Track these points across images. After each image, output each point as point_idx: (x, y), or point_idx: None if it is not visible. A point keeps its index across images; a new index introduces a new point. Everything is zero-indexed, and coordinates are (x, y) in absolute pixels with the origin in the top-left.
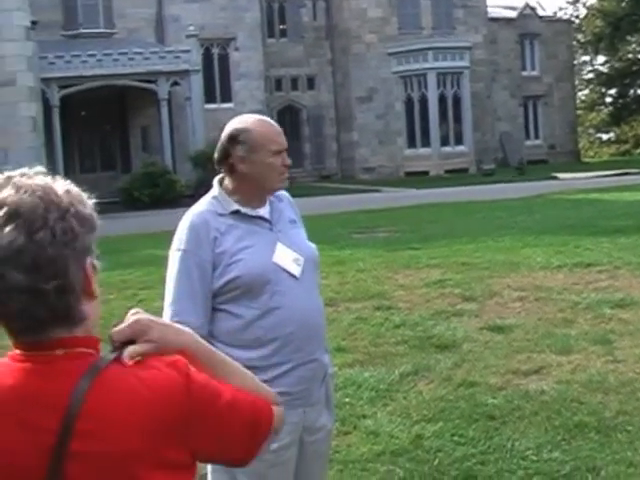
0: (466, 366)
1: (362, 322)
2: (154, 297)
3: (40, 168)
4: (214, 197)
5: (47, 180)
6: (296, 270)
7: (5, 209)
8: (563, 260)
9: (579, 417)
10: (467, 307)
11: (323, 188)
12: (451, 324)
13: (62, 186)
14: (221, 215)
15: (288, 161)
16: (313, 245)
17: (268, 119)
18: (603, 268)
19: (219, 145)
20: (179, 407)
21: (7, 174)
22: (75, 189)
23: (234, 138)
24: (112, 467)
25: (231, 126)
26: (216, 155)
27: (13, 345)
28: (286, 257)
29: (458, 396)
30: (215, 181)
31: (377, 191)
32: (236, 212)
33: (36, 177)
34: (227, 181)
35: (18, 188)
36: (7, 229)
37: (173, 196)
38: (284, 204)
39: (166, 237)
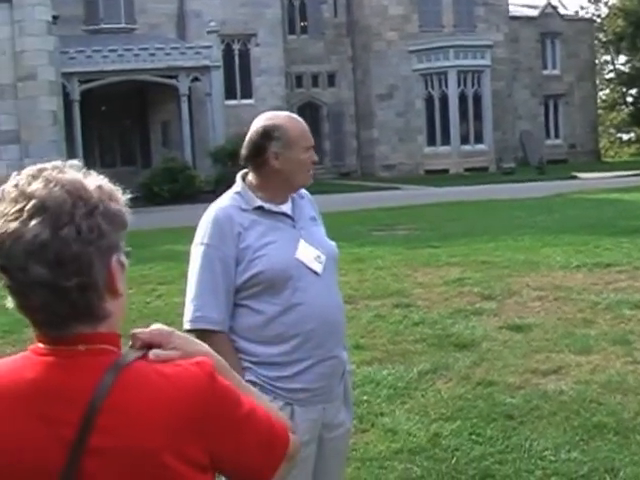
0: (485, 365)
1: (381, 320)
2: (173, 292)
3: (75, 162)
4: (237, 192)
5: (78, 175)
6: (318, 267)
7: (33, 202)
8: (583, 260)
9: (598, 418)
10: (486, 306)
11: (342, 185)
12: (470, 323)
13: (94, 181)
14: (244, 210)
15: (315, 158)
16: (333, 243)
17: (296, 116)
18: (623, 268)
19: (250, 141)
20: (202, 405)
21: (40, 166)
22: (107, 185)
23: (269, 134)
24: (133, 464)
25: (262, 122)
26: (245, 151)
27: (36, 338)
28: (308, 254)
29: (476, 395)
30: (238, 177)
31: (397, 189)
32: (260, 208)
33: (69, 171)
34: (251, 177)
35: (48, 182)
36: (33, 223)
37: (193, 191)
38: (305, 201)
39: (186, 232)
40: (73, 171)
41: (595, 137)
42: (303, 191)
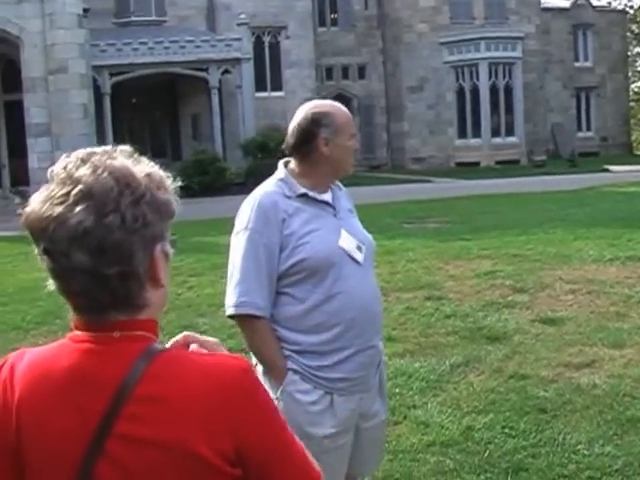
0: (517, 358)
1: (412, 312)
2: (204, 284)
3: (126, 147)
4: (280, 179)
5: (127, 162)
6: (359, 256)
7: (79, 187)
8: (615, 253)
9: (632, 412)
10: (518, 299)
11: (373, 178)
12: (502, 315)
13: (143, 169)
14: (288, 197)
15: (357, 145)
16: (369, 235)
17: (340, 104)
18: None
19: (298, 129)
20: (236, 397)
21: (90, 150)
22: (157, 173)
23: (318, 121)
24: (165, 454)
25: (310, 110)
26: (293, 139)
27: (74, 324)
28: (350, 243)
29: (509, 388)
30: (280, 164)
31: (427, 181)
32: (303, 195)
33: (118, 157)
34: (294, 165)
35: (96, 167)
36: (77, 209)
37: (223, 184)
38: (342, 193)
39: (216, 224)
40: (123, 157)
41: (627, 130)
42: (339, 184)
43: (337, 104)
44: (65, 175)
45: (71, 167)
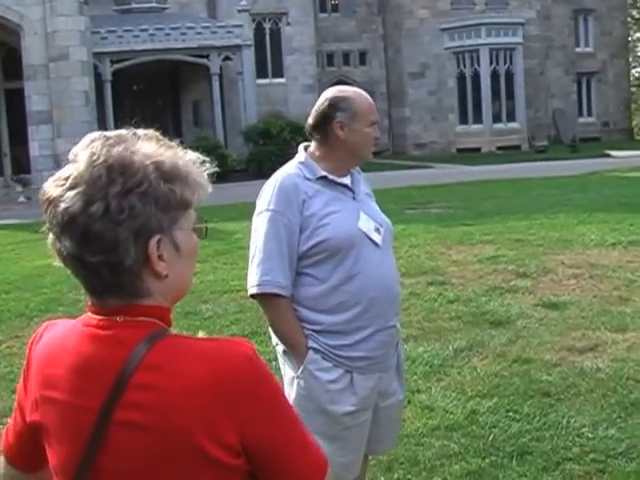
0: (520, 342)
1: (415, 297)
2: (207, 270)
3: (151, 132)
4: (301, 162)
5: (129, 150)
6: (378, 238)
7: (73, 174)
8: (618, 238)
9: (635, 395)
10: (521, 284)
11: (374, 164)
12: (505, 300)
13: (151, 157)
14: (308, 180)
15: (378, 133)
16: (387, 219)
17: (364, 92)
18: None
19: (316, 111)
20: (239, 384)
21: (98, 134)
22: (171, 161)
23: (336, 105)
24: (164, 442)
25: (330, 94)
26: (312, 120)
27: (86, 305)
28: (369, 225)
29: (513, 372)
30: (301, 147)
31: (429, 167)
32: (323, 178)
33: (125, 143)
34: (313, 148)
35: (92, 154)
36: (69, 194)
37: (224, 170)
38: (361, 177)
39: (217, 211)
40: (139, 142)
41: (628, 115)
42: (358, 169)
43: (360, 91)
44: (73, 157)
45: (79, 149)
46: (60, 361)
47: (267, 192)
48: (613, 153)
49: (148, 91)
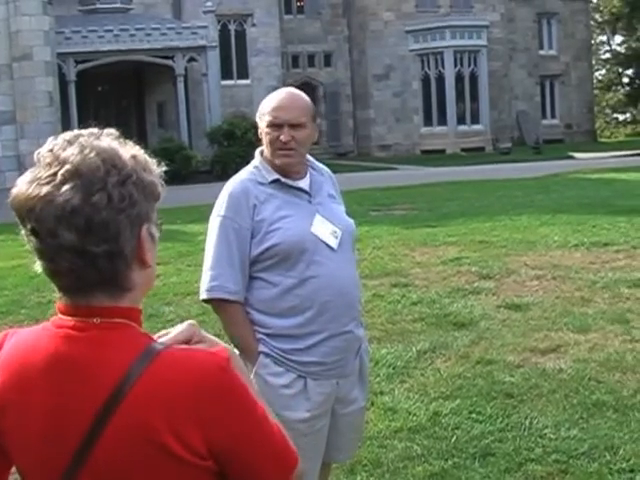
0: (483, 344)
1: (379, 299)
2: (171, 272)
3: (112, 130)
4: (255, 167)
5: (114, 143)
6: (333, 242)
7: (66, 167)
8: (580, 239)
9: (597, 396)
10: (484, 285)
11: (339, 165)
12: (468, 302)
13: (129, 151)
14: (261, 184)
15: (285, 137)
16: (351, 220)
17: (289, 91)
18: (620, 247)
19: None
20: (206, 391)
21: (76, 132)
22: (142, 155)
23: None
24: (136, 442)
25: None
26: None
27: (58, 307)
28: (324, 228)
29: (475, 374)
30: (257, 152)
31: (393, 169)
32: (276, 181)
33: (105, 138)
34: (267, 152)
35: (83, 147)
36: (65, 187)
37: (189, 172)
38: (324, 178)
39: (182, 213)
40: (109, 139)
41: (591, 117)
42: (324, 168)
43: (283, 91)
44: (52, 157)
45: (57, 149)
46: (33, 364)
47: (220, 198)
48: (576, 155)
49: (112, 92)
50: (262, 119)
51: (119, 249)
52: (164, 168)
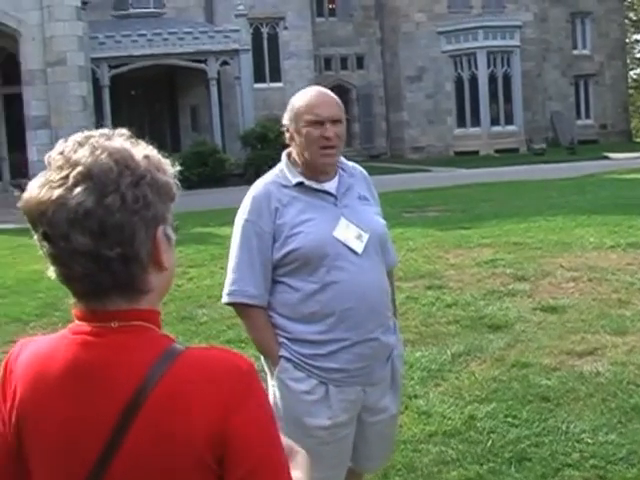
0: (519, 346)
1: (413, 301)
2: (204, 275)
3: (123, 130)
4: (281, 169)
5: (126, 144)
6: (358, 246)
7: (78, 169)
8: (616, 240)
9: (635, 399)
10: (519, 287)
11: (372, 167)
12: (503, 304)
13: (142, 151)
14: (285, 187)
15: (329, 132)
16: (383, 222)
17: (318, 89)
18: None
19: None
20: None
21: (87, 133)
22: (156, 155)
23: (287, 109)
24: (168, 454)
25: None
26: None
27: (74, 313)
28: (348, 232)
29: (511, 377)
30: (283, 154)
31: (427, 171)
32: (300, 184)
33: (116, 139)
34: (294, 153)
35: (94, 149)
36: (77, 190)
37: (222, 175)
38: (356, 179)
39: (215, 215)
40: (121, 139)
41: (626, 117)
42: (357, 168)
43: (309, 90)
44: (63, 160)
45: (68, 151)
46: (50, 373)
47: (244, 201)
48: (611, 155)
49: (146, 96)
50: (298, 119)
51: (134, 252)
52: (178, 169)
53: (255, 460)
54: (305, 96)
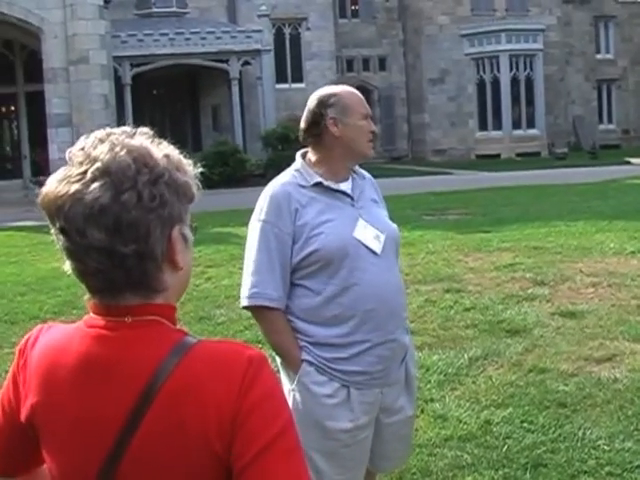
0: (537, 351)
1: (431, 305)
2: (222, 275)
3: (145, 129)
4: (297, 170)
5: (147, 142)
6: (377, 246)
7: (96, 165)
8: (637, 246)
9: None
10: (538, 292)
11: (393, 169)
12: (522, 308)
13: (162, 150)
14: (303, 187)
15: (374, 127)
16: (394, 225)
17: (352, 88)
18: None
19: (307, 112)
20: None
21: (109, 130)
22: (176, 155)
23: (324, 102)
24: (181, 448)
25: (317, 93)
26: (304, 123)
27: (89, 307)
28: (367, 233)
29: (528, 382)
30: (298, 155)
31: (448, 173)
32: (318, 184)
33: (137, 137)
34: (311, 154)
35: (114, 145)
36: (94, 185)
37: (243, 175)
38: (366, 182)
39: (235, 215)
40: (142, 138)
41: None
42: (366, 173)
43: (346, 87)
44: (83, 155)
45: (89, 147)
46: (63, 365)
47: (260, 202)
48: (633, 160)
49: (168, 95)
50: (352, 111)
51: (149, 249)
52: (200, 170)
53: (268, 438)
54: (346, 91)
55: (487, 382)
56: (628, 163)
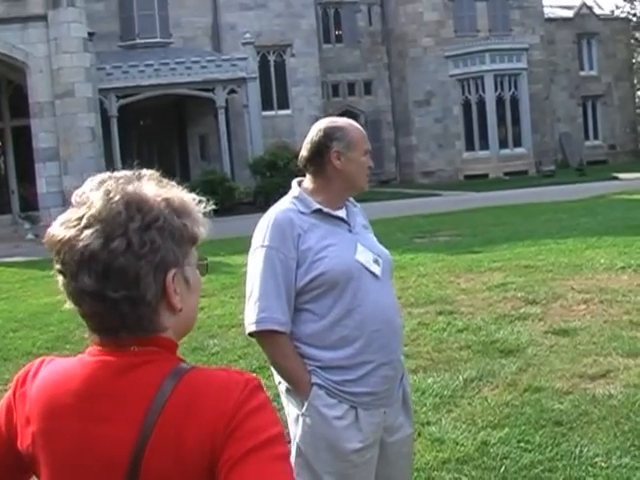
0: (531, 371)
1: (424, 327)
2: (215, 305)
3: (152, 171)
4: (295, 197)
5: (142, 187)
6: (377, 269)
7: (91, 211)
8: (627, 261)
9: None
10: (531, 310)
11: (382, 193)
12: (515, 328)
13: (164, 193)
14: (303, 214)
15: (371, 163)
16: (386, 250)
17: (354, 122)
18: None
19: (311, 142)
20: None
21: (112, 174)
22: (179, 197)
23: (331, 135)
24: (175, 458)
25: (323, 125)
26: (307, 153)
27: (90, 340)
28: (367, 256)
29: (524, 401)
30: (294, 182)
31: (437, 195)
32: (318, 211)
33: (136, 181)
34: (307, 182)
35: (108, 192)
36: (87, 232)
37: (232, 203)
38: (357, 210)
39: (225, 244)
40: (142, 182)
41: (635, 137)
42: (353, 200)
43: (352, 121)
44: (81, 199)
45: (89, 190)
46: (65, 393)
47: (262, 228)
48: (621, 176)
49: (154, 126)
50: (356, 147)
51: (140, 295)
52: (210, 207)
53: (257, 442)
54: (353, 126)
55: (483, 403)
56: (615, 178)
